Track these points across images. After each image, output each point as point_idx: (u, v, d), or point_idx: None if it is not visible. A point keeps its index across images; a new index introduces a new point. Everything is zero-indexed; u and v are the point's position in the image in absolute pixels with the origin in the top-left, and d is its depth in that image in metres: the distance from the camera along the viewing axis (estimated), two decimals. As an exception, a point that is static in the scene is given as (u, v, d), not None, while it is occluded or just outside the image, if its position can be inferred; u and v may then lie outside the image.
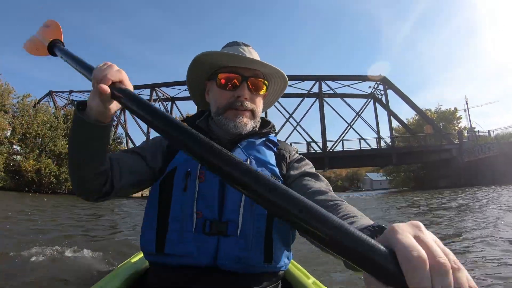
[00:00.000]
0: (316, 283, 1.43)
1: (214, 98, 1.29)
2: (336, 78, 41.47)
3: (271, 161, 1.25)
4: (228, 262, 1.06)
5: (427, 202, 14.20)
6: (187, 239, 1.07)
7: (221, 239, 1.08)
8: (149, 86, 44.66)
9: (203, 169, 1.14)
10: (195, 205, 1.10)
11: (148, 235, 1.13)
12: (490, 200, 12.18)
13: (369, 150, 38.13)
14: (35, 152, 33.15)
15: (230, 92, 1.24)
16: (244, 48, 1.31)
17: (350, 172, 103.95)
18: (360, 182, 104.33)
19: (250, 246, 1.09)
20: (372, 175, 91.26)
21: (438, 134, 39.11)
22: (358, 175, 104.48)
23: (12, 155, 33.17)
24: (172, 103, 46.47)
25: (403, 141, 44.18)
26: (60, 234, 6.07)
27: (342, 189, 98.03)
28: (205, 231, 1.08)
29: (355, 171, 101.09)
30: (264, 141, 1.32)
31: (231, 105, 1.23)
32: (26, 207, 12.60)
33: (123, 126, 45.86)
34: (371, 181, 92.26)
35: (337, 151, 38.20)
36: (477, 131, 44.41)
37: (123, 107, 0.89)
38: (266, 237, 1.12)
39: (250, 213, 1.12)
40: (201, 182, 1.13)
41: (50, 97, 47.55)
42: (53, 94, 47.95)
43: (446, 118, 49.09)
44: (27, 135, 33.12)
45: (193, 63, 1.27)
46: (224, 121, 1.24)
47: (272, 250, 1.12)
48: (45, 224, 7.76)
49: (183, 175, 1.14)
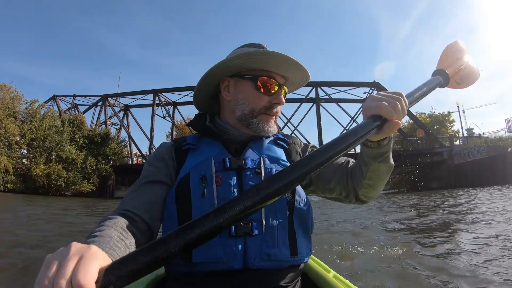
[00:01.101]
0: (337, 276, 1.40)
1: (248, 99, 1.25)
2: (332, 84, 42.59)
3: (282, 157, 1.25)
4: (257, 260, 1.05)
5: (414, 202, 15.31)
6: (215, 245, 1.04)
7: (248, 240, 1.07)
8: (152, 91, 45.30)
9: (218, 171, 1.14)
10: None
11: None
12: (468, 202, 12.87)
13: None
14: (43, 157, 34.57)
15: (266, 97, 1.23)
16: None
17: None
18: None
19: (276, 241, 1.09)
20: None
21: (430, 137, 40.15)
22: None
23: (21, 159, 34.61)
24: (174, 108, 47.12)
25: (396, 144, 44.74)
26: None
27: None
28: (231, 234, 1.06)
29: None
30: (273, 140, 1.32)
31: (266, 109, 1.24)
32: (51, 209, 13.73)
33: (126, 129, 46.68)
34: None
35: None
36: (467, 135, 45.41)
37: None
38: (290, 231, 1.12)
39: (272, 209, 1.11)
40: (219, 186, 1.11)
41: (54, 101, 47.80)
42: (57, 99, 48.20)
43: (439, 121, 50.03)
44: (35, 140, 34.52)
45: (230, 60, 1.21)
46: (258, 124, 1.23)
47: (296, 243, 1.13)
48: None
49: (198, 181, 1.11)
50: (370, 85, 42.14)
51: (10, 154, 32.77)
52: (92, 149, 39.65)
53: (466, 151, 35.79)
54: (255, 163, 1.17)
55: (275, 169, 1.17)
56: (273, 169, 1.17)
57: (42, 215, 10.77)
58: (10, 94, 34.43)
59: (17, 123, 33.77)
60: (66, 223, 8.82)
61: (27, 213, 11.56)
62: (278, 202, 1.10)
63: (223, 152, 1.19)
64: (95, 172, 38.37)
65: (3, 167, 31.34)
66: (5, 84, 34.50)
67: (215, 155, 1.18)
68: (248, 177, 1.14)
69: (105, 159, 40.46)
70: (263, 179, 1.12)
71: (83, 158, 37.26)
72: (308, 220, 1.21)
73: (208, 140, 1.25)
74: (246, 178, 1.13)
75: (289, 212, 1.13)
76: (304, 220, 1.19)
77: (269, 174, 1.15)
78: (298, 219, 1.16)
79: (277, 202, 1.04)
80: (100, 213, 11.47)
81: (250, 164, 1.16)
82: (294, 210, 1.14)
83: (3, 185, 31.13)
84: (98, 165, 38.59)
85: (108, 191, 40.81)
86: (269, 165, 1.18)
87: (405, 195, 26.18)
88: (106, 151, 40.62)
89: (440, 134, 44.57)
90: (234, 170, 1.14)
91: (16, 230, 6.91)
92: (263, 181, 0.73)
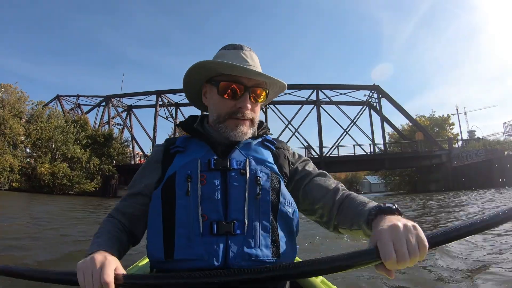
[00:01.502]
0: (324, 281, 1.43)
1: (214, 105, 1.27)
2: (332, 87, 43.06)
3: (269, 159, 1.25)
4: (238, 260, 1.06)
5: (412, 203, 15.53)
6: (196, 242, 1.06)
7: (230, 239, 1.08)
8: (156, 92, 45.70)
9: (204, 171, 1.15)
10: (199, 209, 1.10)
11: (155, 243, 1.12)
12: (459, 204, 12.97)
13: (362, 155, 39.68)
14: (48, 156, 35.15)
15: (231, 102, 1.22)
16: (246, 54, 1.26)
17: (349, 175, 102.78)
18: (359, 185, 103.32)
19: (258, 242, 1.09)
20: (370, 178, 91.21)
21: (428, 140, 40.51)
22: (357, 178, 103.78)
23: (26, 158, 35.20)
24: (176, 109, 47.49)
25: (396, 146, 45.54)
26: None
27: None
28: (213, 232, 1.07)
29: (354, 174, 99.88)
30: (261, 141, 1.31)
31: (232, 114, 1.22)
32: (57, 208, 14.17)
33: (129, 130, 47.06)
34: (370, 184, 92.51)
35: (333, 156, 39.71)
36: (469, 137, 45.48)
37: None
38: (273, 232, 1.13)
39: (255, 210, 1.11)
40: (203, 185, 1.12)
41: (58, 101, 48.10)
42: (61, 99, 48.49)
43: (439, 124, 50.31)
44: (40, 140, 35.11)
45: (193, 68, 1.24)
46: (225, 130, 1.23)
47: (279, 245, 1.13)
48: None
49: (184, 180, 1.13)
50: (370, 88, 42.65)
51: (16, 153, 33.37)
52: (95, 149, 40.15)
53: (464, 154, 36.20)
54: (241, 164, 1.18)
55: (261, 171, 1.18)
56: (258, 170, 1.18)
57: (61, 212, 11.24)
58: (16, 94, 35.06)
59: (22, 123, 34.42)
60: (90, 220, 9.17)
61: (45, 209, 11.95)
62: (262, 204, 1.13)
63: (209, 153, 1.21)
64: (99, 171, 38.80)
65: (9, 166, 31.93)
66: (11, 85, 35.12)
67: (202, 156, 1.19)
68: (233, 178, 1.15)
69: (109, 159, 40.85)
70: (248, 179, 1.15)
71: (87, 157, 37.77)
72: (293, 222, 1.21)
73: (196, 141, 1.27)
74: (230, 178, 1.15)
75: (273, 214, 1.14)
76: (289, 223, 1.19)
77: (254, 175, 1.16)
78: (282, 221, 1.17)
79: (261, 203, 1.12)
80: (107, 211, 11.70)
81: (235, 165, 1.17)
82: (278, 212, 1.15)
83: (8, 184, 31.67)
84: (102, 165, 39.01)
85: (111, 190, 41.28)
86: (254, 166, 1.19)
87: (401, 197, 26.36)
88: (110, 151, 41.11)
89: (439, 137, 44.92)
90: (218, 171, 1.16)
91: (52, 227, 7.20)
92: (264, 267, 0.84)
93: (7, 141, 32.82)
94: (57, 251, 4.66)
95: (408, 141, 43.08)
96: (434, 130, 48.41)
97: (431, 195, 23.10)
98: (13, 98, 34.55)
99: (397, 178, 53.10)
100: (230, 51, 1.27)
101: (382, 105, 42.53)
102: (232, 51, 1.26)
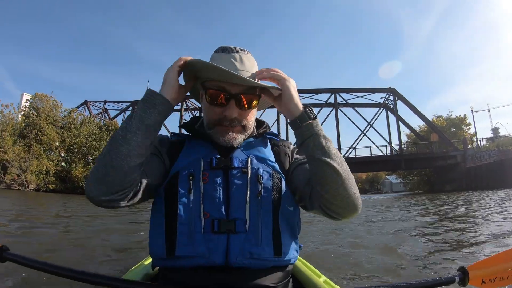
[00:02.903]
0: (327, 281, 1.42)
1: (204, 110, 1.25)
2: (349, 91, 43.68)
3: (271, 157, 1.24)
4: (239, 258, 1.06)
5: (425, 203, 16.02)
6: (197, 240, 1.06)
7: (231, 237, 1.07)
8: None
9: (206, 170, 1.15)
10: (201, 206, 1.09)
11: (157, 240, 1.11)
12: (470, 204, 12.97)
13: (379, 156, 40.15)
14: (82, 160, 37.77)
15: (219, 109, 1.19)
16: (236, 57, 1.20)
17: (370, 175, 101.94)
18: (380, 184, 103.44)
19: (259, 240, 1.08)
20: (391, 178, 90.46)
21: (444, 141, 40.80)
22: (378, 178, 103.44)
23: (60, 162, 37.91)
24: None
25: (412, 147, 45.82)
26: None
27: (362, 191, 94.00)
28: (214, 230, 1.07)
29: (375, 174, 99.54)
30: (262, 140, 1.31)
31: (219, 121, 1.20)
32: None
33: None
34: (391, 184, 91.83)
35: (350, 157, 39.98)
36: (493, 134, 45.36)
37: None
38: (274, 231, 1.11)
39: (257, 208, 1.11)
40: (205, 183, 1.12)
41: (85, 106, 49.76)
42: (88, 104, 50.15)
43: (456, 124, 50.06)
44: (74, 145, 37.86)
45: (184, 70, 1.19)
46: (214, 135, 1.21)
47: (281, 243, 1.12)
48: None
49: (186, 178, 1.12)
50: (386, 91, 43.11)
51: (51, 157, 36.40)
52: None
53: (478, 155, 36.45)
54: (242, 162, 1.18)
55: (262, 169, 1.18)
56: (260, 169, 1.18)
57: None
58: (50, 103, 37.86)
59: (57, 130, 37.27)
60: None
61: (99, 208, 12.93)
62: (264, 202, 1.12)
63: (212, 152, 1.21)
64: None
65: (45, 169, 34.72)
66: (46, 95, 38.09)
67: (205, 155, 1.19)
68: (235, 176, 1.15)
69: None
70: (249, 178, 1.15)
71: (117, 161, 39.71)
72: (295, 221, 1.19)
73: (199, 141, 1.27)
74: (232, 177, 1.15)
75: (275, 212, 1.13)
76: (290, 221, 1.17)
77: (255, 174, 1.16)
78: (284, 220, 1.14)
79: (263, 201, 1.12)
80: (146, 210, 11.55)
81: (237, 163, 1.17)
82: (280, 210, 1.14)
83: (44, 186, 34.46)
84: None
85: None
86: (256, 165, 1.18)
87: (418, 196, 26.31)
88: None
89: (456, 137, 44.97)
90: (220, 169, 1.16)
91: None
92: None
93: (43, 147, 35.68)
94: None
95: (424, 142, 43.38)
96: (451, 130, 48.52)
97: (441, 196, 23.42)
98: (48, 106, 37.44)
99: (415, 178, 53.24)
100: (220, 54, 1.23)
101: (399, 106, 42.98)
102: (222, 54, 1.22)
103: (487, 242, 4.74)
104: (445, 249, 4.17)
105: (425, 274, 3.14)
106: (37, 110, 37.22)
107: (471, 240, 4.87)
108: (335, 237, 5.81)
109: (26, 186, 33.31)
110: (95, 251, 4.42)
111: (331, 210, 1.08)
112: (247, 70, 1.20)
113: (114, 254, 4.28)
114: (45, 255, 3.95)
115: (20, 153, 34.03)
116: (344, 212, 1.08)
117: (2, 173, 32.84)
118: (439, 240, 5.14)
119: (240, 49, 1.24)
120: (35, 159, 34.60)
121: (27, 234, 5.60)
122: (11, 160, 33.08)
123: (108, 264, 3.74)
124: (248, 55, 1.24)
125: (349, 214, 1.09)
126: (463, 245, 4.49)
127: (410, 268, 3.41)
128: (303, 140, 1.09)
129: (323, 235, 5.79)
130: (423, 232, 6.11)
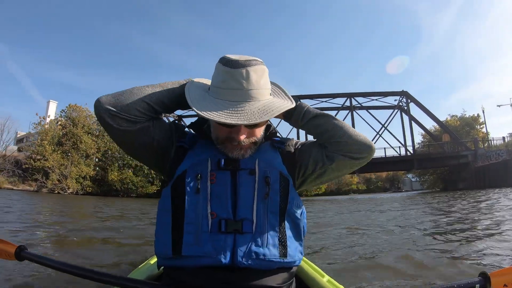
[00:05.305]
0: (331, 281, 1.42)
1: (212, 126, 1.23)
2: (364, 94, 44.96)
3: (278, 160, 1.24)
4: (245, 259, 1.05)
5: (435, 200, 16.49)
6: (204, 240, 1.06)
7: (238, 237, 1.07)
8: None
9: (214, 170, 1.14)
10: (209, 206, 1.09)
11: (164, 239, 1.11)
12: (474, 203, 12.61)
13: (393, 156, 41.33)
14: (115, 165, 41.21)
15: (226, 129, 1.16)
16: (242, 73, 1.09)
17: (391, 174, 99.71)
18: (400, 182, 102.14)
19: (266, 241, 1.08)
20: (411, 176, 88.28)
21: (455, 141, 41.61)
22: (398, 176, 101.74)
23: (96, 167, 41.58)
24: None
25: (425, 147, 47.12)
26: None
27: (383, 189, 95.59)
28: (221, 230, 1.07)
29: (395, 173, 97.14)
30: (270, 143, 1.30)
31: (227, 140, 1.17)
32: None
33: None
34: (411, 182, 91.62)
35: None
36: (492, 137, 45.53)
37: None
38: (280, 232, 1.12)
39: (264, 209, 1.11)
40: (213, 183, 1.12)
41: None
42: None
43: (469, 123, 50.73)
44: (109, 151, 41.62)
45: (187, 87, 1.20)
46: (224, 150, 1.19)
47: (287, 244, 1.12)
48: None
49: (194, 178, 1.12)
50: (399, 94, 44.15)
51: (88, 163, 40.23)
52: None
53: (488, 154, 37.34)
54: (250, 164, 1.17)
55: (270, 171, 1.17)
56: (267, 171, 1.17)
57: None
58: (84, 113, 41.60)
59: (92, 138, 41.21)
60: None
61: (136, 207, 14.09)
62: (271, 203, 1.12)
63: (219, 153, 1.19)
64: (158, 176, 42.99)
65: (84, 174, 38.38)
66: (80, 106, 42.17)
67: (212, 155, 1.19)
68: (242, 177, 1.15)
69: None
70: (257, 179, 1.15)
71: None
72: (300, 223, 1.20)
73: (207, 141, 1.26)
74: (240, 178, 1.15)
75: (281, 214, 1.13)
76: (296, 223, 1.19)
77: (263, 175, 1.15)
78: (290, 221, 1.16)
79: (270, 203, 1.12)
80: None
81: (245, 165, 1.17)
82: (286, 212, 1.14)
83: (82, 189, 38.07)
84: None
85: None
86: (263, 167, 1.17)
87: (432, 195, 26.73)
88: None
89: (470, 137, 45.74)
90: (228, 170, 1.15)
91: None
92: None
93: (81, 154, 39.38)
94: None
95: (435, 143, 44.51)
96: (465, 130, 49.26)
97: (448, 193, 24.28)
98: (82, 116, 41.18)
99: (431, 177, 54.46)
100: (225, 68, 1.11)
101: (413, 107, 43.72)
102: (227, 70, 1.10)
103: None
104: (461, 251, 3.89)
105: (439, 277, 2.93)
106: (73, 120, 41.08)
107: (490, 244, 4.30)
108: (340, 236, 5.75)
109: (66, 190, 36.89)
110: (106, 247, 4.60)
111: (351, 151, 1.22)
112: (255, 87, 1.11)
113: (124, 252, 4.22)
114: (56, 254, 4.02)
115: (60, 160, 37.67)
116: (362, 147, 1.22)
117: (44, 178, 36.36)
118: (453, 239, 4.78)
119: (246, 61, 1.11)
120: (74, 166, 38.14)
121: (38, 231, 5.83)
122: (52, 167, 36.63)
123: (117, 264, 3.61)
124: (254, 66, 1.12)
125: (366, 149, 1.23)
126: (479, 249, 4.01)
127: (420, 270, 3.16)
128: (302, 113, 1.26)
129: (328, 234, 5.85)
130: (435, 232, 5.73)
